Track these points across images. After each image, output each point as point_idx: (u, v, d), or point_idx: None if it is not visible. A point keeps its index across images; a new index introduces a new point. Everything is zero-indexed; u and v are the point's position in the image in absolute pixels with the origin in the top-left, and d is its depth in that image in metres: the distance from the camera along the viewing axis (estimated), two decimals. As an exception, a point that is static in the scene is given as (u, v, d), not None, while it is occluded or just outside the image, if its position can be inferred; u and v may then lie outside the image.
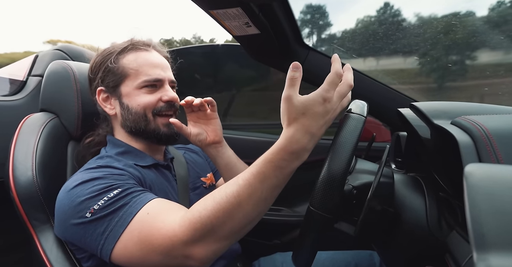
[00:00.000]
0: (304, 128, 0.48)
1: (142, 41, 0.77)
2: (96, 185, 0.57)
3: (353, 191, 0.56)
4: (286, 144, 0.48)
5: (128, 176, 0.62)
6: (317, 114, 0.47)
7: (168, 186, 0.74)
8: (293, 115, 0.48)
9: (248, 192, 0.49)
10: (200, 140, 0.75)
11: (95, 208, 0.54)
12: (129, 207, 0.55)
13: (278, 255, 0.97)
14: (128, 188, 0.58)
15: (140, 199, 0.56)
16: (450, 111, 0.54)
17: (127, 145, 0.74)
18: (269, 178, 0.49)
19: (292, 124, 0.48)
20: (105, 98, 0.74)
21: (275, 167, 0.49)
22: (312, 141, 0.49)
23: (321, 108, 0.47)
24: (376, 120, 1.30)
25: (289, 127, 0.48)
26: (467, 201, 0.26)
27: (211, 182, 0.89)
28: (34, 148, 0.72)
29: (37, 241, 0.66)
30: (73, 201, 0.56)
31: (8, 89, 1.07)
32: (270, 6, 0.76)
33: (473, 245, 0.24)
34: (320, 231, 0.48)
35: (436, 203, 0.56)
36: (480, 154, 0.41)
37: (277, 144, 0.49)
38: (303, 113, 0.47)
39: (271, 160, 0.49)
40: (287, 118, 0.48)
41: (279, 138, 0.49)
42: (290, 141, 0.48)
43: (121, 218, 0.54)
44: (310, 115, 0.47)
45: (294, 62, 0.49)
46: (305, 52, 1.06)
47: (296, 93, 0.47)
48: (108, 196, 0.55)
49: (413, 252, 0.58)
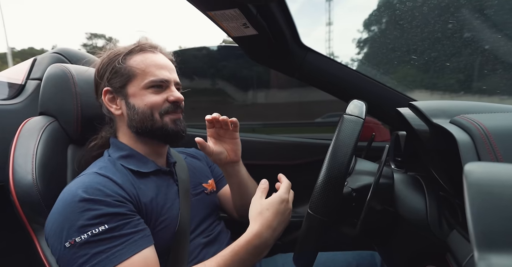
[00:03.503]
0: (267, 223, 0.61)
1: (149, 43, 0.77)
2: (88, 209, 0.56)
3: (352, 193, 0.57)
4: (251, 238, 0.60)
5: (122, 199, 0.61)
6: (278, 211, 0.62)
7: (168, 192, 0.74)
8: (258, 210, 0.62)
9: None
10: (220, 158, 0.78)
11: (76, 240, 0.54)
12: (104, 258, 0.54)
13: (279, 256, 0.97)
14: (116, 226, 0.57)
15: (119, 251, 0.55)
16: (449, 110, 0.54)
17: (131, 149, 0.74)
18: (245, 259, 0.59)
19: (257, 219, 0.62)
20: (111, 98, 0.74)
21: (240, 260, 0.59)
22: (273, 236, 0.62)
23: (282, 206, 0.63)
24: (375, 120, 1.30)
25: (255, 221, 0.61)
26: (467, 199, 0.26)
27: (212, 188, 0.89)
28: (34, 151, 0.72)
29: (37, 244, 0.66)
30: (62, 219, 0.56)
31: (7, 93, 1.07)
32: (268, 7, 0.76)
33: (473, 244, 0.24)
34: (319, 234, 0.48)
35: (436, 202, 0.56)
36: (479, 153, 0.41)
37: (244, 237, 0.61)
38: (267, 209, 0.62)
39: (237, 253, 0.59)
40: (254, 212, 0.63)
41: (246, 232, 0.61)
42: (255, 234, 0.60)
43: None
44: (272, 211, 0.61)
45: (263, 180, 0.71)
46: (303, 52, 1.06)
47: (263, 197, 0.66)
48: (93, 231, 0.54)
49: (413, 251, 0.58)
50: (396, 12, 1.22)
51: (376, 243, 0.70)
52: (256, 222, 0.61)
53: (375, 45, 1.28)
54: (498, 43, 1.12)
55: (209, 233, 0.79)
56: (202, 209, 0.82)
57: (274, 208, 0.62)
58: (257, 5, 0.74)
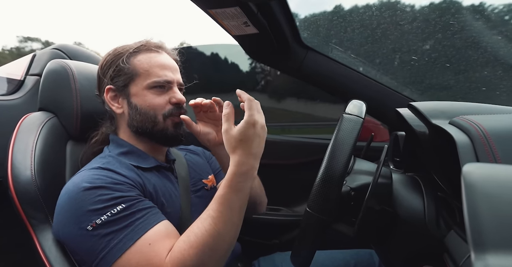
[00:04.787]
0: (245, 152, 0.59)
1: (154, 43, 0.77)
2: (100, 194, 0.57)
3: (351, 192, 0.57)
4: (236, 168, 0.59)
5: (130, 186, 0.62)
6: (251, 137, 0.59)
7: (169, 188, 0.74)
8: (233, 143, 0.59)
9: (223, 221, 0.57)
10: (208, 139, 0.76)
11: (97, 222, 0.55)
12: (130, 230, 0.56)
13: (277, 255, 0.97)
14: (132, 204, 0.58)
15: (142, 222, 0.57)
16: (448, 111, 0.54)
17: (131, 145, 0.74)
18: (234, 202, 0.58)
19: (235, 151, 0.59)
20: (113, 96, 0.74)
21: (236, 191, 0.58)
22: (256, 159, 0.60)
23: (252, 131, 0.59)
24: (374, 120, 1.30)
25: (234, 154, 0.60)
26: (465, 200, 0.26)
27: (212, 184, 0.89)
28: (32, 147, 0.72)
29: (36, 240, 0.66)
30: (76, 208, 0.56)
31: (5, 89, 1.06)
32: (269, 5, 0.76)
33: (471, 245, 0.24)
34: (317, 233, 0.48)
35: (434, 203, 0.56)
36: (478, 154, 0.42)
37: (229, 171, 0.59)
38: (241, 140, 0.59)
39: (230, 185, 0.58)
40: (229, 147, 0.60)
41: (229, 165, 0.60)
42: (238, 164, 0.59)
43: (121, 241, 0.55)
44: (246, 139, 0.59)
45: (226, 102, 0.63)
46: (303, 51, 1.06)
47: (231, 126, 0.61)
48: (111, 211, 0.56)
49: (411, 251, 0.59)
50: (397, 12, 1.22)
51: (374, 243, 0.71)
52: (235, 155, 0.59)
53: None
54: (498, 44, 1.12)
55: None
56: (203, 205, 0.82)
57: (246, 136, 0.59)
58: (258, 3, 0.74)
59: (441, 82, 1.23)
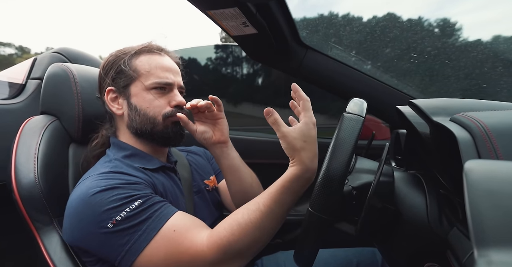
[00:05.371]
0: (311, 154, 0.56)
1: (156, 45, 0.77)
2: (116, 194, 0.57)
3: (352, 191, 0.57)
4: (300, 173, 0.55)
5: (144, 185, 0.63)
6: (314, 137, 0.56)
7: (174, 189, 0.75)
8: (298, 145, 0.55)
9: (270, 217, 0.57)
10: (205, 138, 0.74)
11: (117, 219, 0.55)
12: (152, 221, 0.57)
13: (281, 254, 0.98)
14: (148, 199, 0.59)
15: (162, 213, 0.58)
16: (449, 108, 0.54)
17: (133, 148, 0.74)
18: (286, 202, 0.57)
19: (300, 154, 0.55)
20: (113, 98, 0.74)
21: (292, 193, 0.57)
22: (316, 162, 0.57)
23: (314, 131, 0.57)
24: (375, 118, 1.30)
25: (298, 157, 0.56)
26: (467, 197, 0.26)
27: (214, 185, 0.90)
28: (35, 150, 0.72)
29: (40, 243, 0.67)
30: (94, 210, 0.56)
31: (7, 93, 1.07)
32: (267, 5, 0.76)
33: (473, 242, 0.24)
34: (320, 232, 0.49)
35: (437, 200, 0.56)
36: (480, 151, 0.42)
37: (291, 173, 0.56)
38: (305, 141, 0.55)
39: (289, 187, 0.56)
40: (292, 150, 0.56)
41: (294, 167, 0.56)
42: (303, 169, 0.55)
43: (144, 232, 0.56)
44: (309, 141, 0.56)
45: (266, 109, 0.57)
46: (303, 51, 1.06)
47: (287, 129, 0.56)
48: (130, 207, 0.56)
49: (414, 249, 0.58)
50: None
51: (376, 241, 0.71)
52: (300, 158, 0.56)
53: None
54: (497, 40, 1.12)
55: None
56: (205, 206, 0.82)
57: (309, 136, 0.56)
58: (257, 3, 0.74)
59: (441, 79, 1.22)
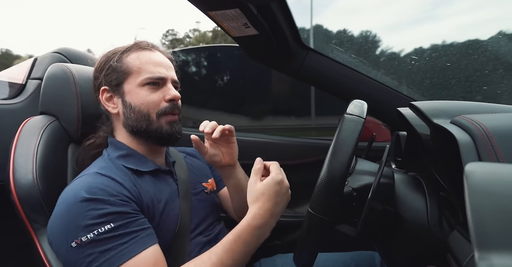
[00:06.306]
0: (264, 206, 0.60)
1: (146, 41, 0.77)
2: (93, 209, 0.56)
3: (353, 193, 0.56)
4: (251, 220, 0.59)
5: (126, 198, 0.61)
6: (273, 193, 0.60)
7: (168, 192, 0.74)
8: (255, 196, 0.60)
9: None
10: (215, 161, 0.76)
11: (82, 240, 0.54)
12: (112, 255, 0.55)
13: (279, 257, 0.97)
14: (122, 224, 0.57)
15: (127, 248, 0.56)
16: (449, 110, 0.54)
17: (129, 148, 0.74)
18: (238, 253, 0.58)
19: (255, 203, 0.60)
20: (108, 97, 0.74)
21: (243, 243, 0.58)
22: (273, 217, 0.61)
23: (278, 188, 0.61)
24: (375, 120, 1.30)
25: (252, 206, 0.61)
26: (467, 200, 0.26)
27: (212, 188, 0.89)
28: (34, 150, 0.72)
29: (38, 243, 0.66)
30: (69, 220, 0.56)
31: (7, 93, 1.07)
32: (269, 6, 0.76)
33: (474, 244, 0.24)
34: (320, 234, 0.48)
35: (437, 203, 0.56)
36: (480, 153, 0.41)
37: (243, 221, 0.60)
38: (263, 194, 0.60)
39: (239, 235, 0.59)
40: (251, 198, 0.61)
41: (245, 216, 0.60)
42: (253, 217, 0.59)
43: (101, 264, 0.54)
44: (267, 194, 0.60)
45: (257, 159, 0.65)
46: (304, 52, 1.06)
47: (258, 180, 0.63)
48: (99, 229, 0.55)
49: (414, 251, 0.58)
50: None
51: (376, 243, 0.70)
52: (253, 206, 0.60)
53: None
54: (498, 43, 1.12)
55: (209, 232, 0.79)
56: (202, 208, 0.82)
57: (269, 191, 0.60)
58: (258, 4, 0.74)
59: (442, 82, 1.22)
